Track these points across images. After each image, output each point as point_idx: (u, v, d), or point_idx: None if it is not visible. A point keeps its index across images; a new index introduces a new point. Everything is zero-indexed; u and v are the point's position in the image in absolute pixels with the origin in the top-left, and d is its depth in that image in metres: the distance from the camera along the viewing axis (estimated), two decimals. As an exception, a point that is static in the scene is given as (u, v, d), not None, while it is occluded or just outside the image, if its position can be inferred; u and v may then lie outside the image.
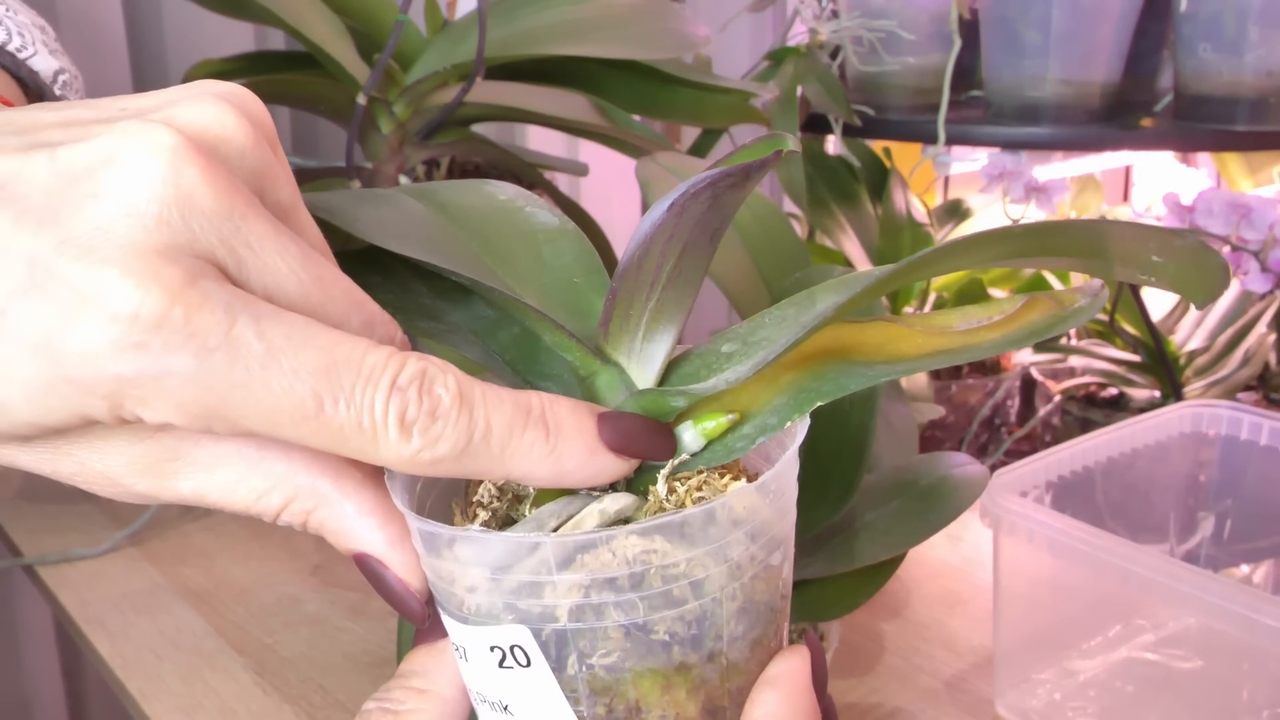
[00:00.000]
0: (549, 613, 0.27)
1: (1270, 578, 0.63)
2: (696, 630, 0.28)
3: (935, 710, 0.56)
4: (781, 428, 0.29)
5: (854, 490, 0.49)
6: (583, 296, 0.33)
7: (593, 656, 0.27)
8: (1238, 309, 0.82)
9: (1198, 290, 0.31)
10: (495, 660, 0.28)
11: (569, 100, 0.77)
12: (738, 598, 0.28)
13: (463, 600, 0.28)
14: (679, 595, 0.27)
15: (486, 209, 0.35)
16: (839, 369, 0.29)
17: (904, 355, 0.29)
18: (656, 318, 0.29)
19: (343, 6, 0.74)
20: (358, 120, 0.68)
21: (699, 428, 0.30)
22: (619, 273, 0.28)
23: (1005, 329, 0.30)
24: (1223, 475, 0.62)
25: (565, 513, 0.29)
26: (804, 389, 0.29)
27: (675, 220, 0.27)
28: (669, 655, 0.27)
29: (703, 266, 0.29)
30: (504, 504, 0.30)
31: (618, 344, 0.30)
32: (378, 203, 0.34)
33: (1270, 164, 1.00)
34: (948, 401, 0.83)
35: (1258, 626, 0.43)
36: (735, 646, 0.29)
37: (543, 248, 0.34)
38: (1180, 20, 0.77)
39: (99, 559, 0.71)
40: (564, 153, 1.17)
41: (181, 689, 0.59)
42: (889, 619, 0.63)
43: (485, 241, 0.33)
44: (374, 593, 0.30)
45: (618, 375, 0.30)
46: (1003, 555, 0.53)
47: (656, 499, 0.29)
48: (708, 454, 0.30)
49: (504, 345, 0.32)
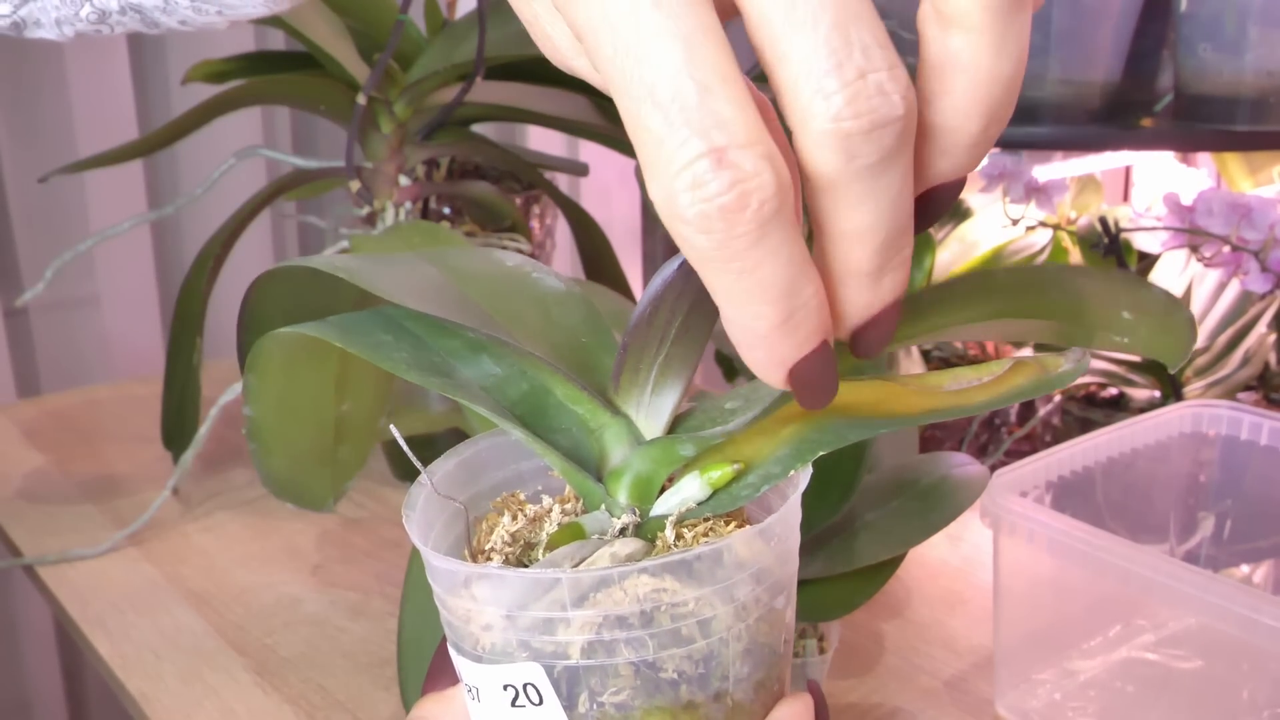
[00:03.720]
0: (562, 650, 0.28)
1: (1270, 578, 0.63)
2: (703, 669, 0.29)
3: (935, 710, 0.56)
4: (785, 476, 0.30)
5: (854, 490, 0.49)
6: (591, 354, 0.34)
7: (603, 694, 0.28)
8: (1238, 309, 0.82)
9: (1168, 351, 0.32)
10: (508, 699, 0.28)
11: (569, 100, 0.77)
12: (743, 639, 0.29)
13: (478, 639, 0.29)
14: (687, 634, 0.28)
15: (496, 274, 0.36)
16: (838, 422, 0.31)
17: (897, 414, 0.31)
18: (665, 372, 0.30)
19: (343, 6, 0.74)
20: (358, 120, 0.68)
21: (705, 477, 0.31)
22: (630, 328, 0.29)
23: (993, 391, 0.31)
24: (1223, 475, 0.62)
25: (578, 555, 0.29)
26: (805, 440, 0.30)
27: (684, 279, 0.28)
28: (677, 694, 0.28)
29: (710, 324, 0.30)
30: (516, 549, 0.31)
31: (627, 397, 0.31)
32: (394, 265, 0.35)
33: (1270, 164, 1.00)
34: (948, 401, 0.82)
35: (1258, 626, 0.43)
36: (740, 687, 0.30)
37: (551, 309, 0.35)
38: (1180, 20, 0.77)
39: (99, 559, 0.71)
40: (564, 153, 1.17)
41: (181, 689, 0.59)
42: (889, 619, 0.63)
43: (495, 302, 0.34)
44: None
45: (626, 427, 0.31)
46: (1003, 555, 0.53)
47: (665, 544, 0.30)
48: (713, 503, 0.31)
49: (513, 401, 0.33)
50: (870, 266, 0.26)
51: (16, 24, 0.43)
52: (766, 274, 0.24)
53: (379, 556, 0.70)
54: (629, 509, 0.31)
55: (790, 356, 0.26)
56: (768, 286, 0.24)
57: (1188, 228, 0.76)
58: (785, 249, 0.24)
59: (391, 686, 0.58)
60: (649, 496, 0.31)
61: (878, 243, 0.25)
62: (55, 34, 0.44)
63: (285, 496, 0.41)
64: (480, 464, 0.34)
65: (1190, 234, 0.76)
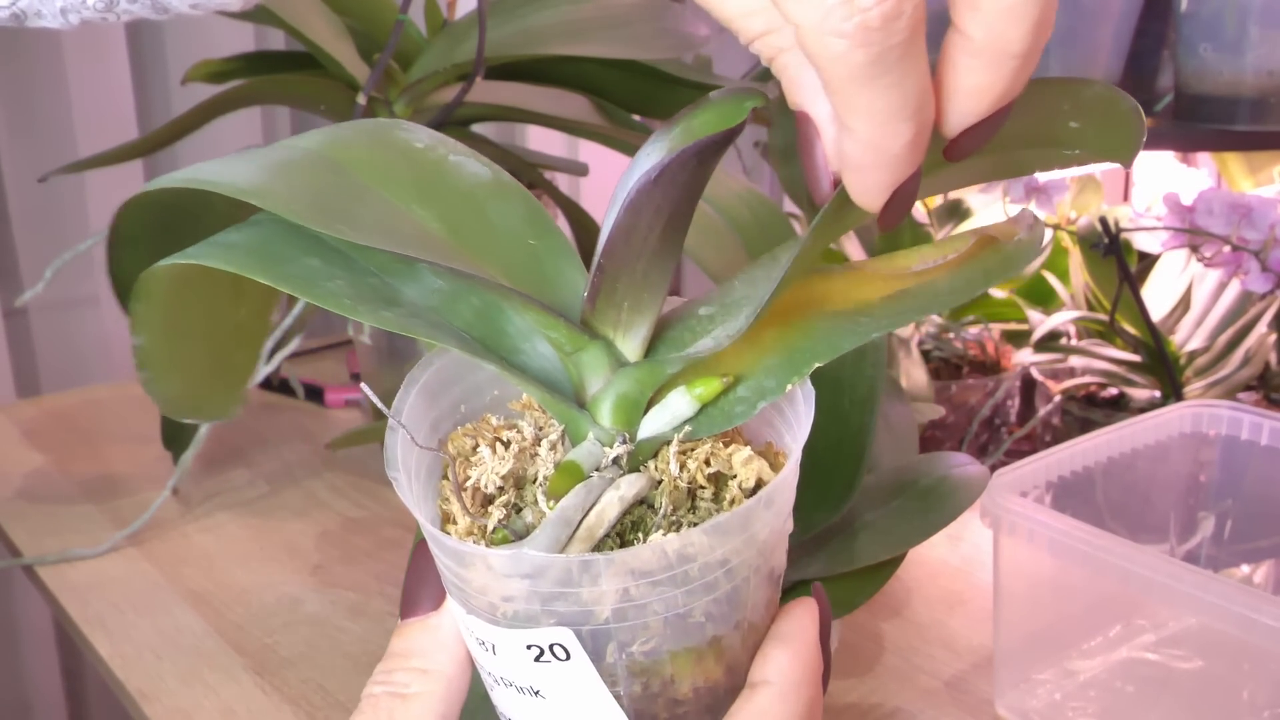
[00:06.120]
0: (590, 614, 0.27)
1: (1270, 578, 0.63)
2: (727, 607, 0.28)
3: (935, 710, 0.56)
4: (781, 391, 0.29)
5: (854, 490, 0.49)
6: (545, 263, 0.32)
7: (632, 645, 0.27)
8: (1238, 309, 0.82)
9: (1118, 148, 0.32)
10: (531, 656, 0.28)
11: (569, 100, 0.77)
12: (761, 570, 0.29)
13: (496, 607, 0.28)
14: (714, 581, 0.28)
15: (408, 163, 0.32)
16: (823, 323, 0.29)
17: (868, 298, 0.30)
18: (643, 288, 0.29)
19: (343, 6, 0.74)
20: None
21: (693, 393, 0.29)
22: (606, 246, 0.28)
23: (957, 270, 0.30)
24: (1223, 475, 0.62)
25: (586, 503, 0.28)
26: (796, 348, 0.29)
27: (664, 188, 0.27)
28: (703, 633, 0.28)
29: (684, 231, 0.29)
30: (509, 491, 0.30)
31: (604, 318, 0.29)
32: (277, 167, 0.30)
33: (1270, 164, 1.00)
34: (948, 401, 0.83)
35: (1258, 627, 0.43)
36: (756, 611, 0.29)
37: (487, 208, 0.32)
38: (1180, 20, 0.77)
39: (99, 559, 0.71)
40: (564, 153, 1.17)
41: (181, 689, 0.59)
42: (889, 619, 0.63)
43: (427, 207, 0.31)
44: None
45: (605, 350, 0.29)
46: (1003, 555, 0.53)
47: (670, 478, 0.29)
48: (707, 421, 0.30)
49: (468, 322, 0.30)
50: (1021, 47, 0.26)
51: (17, 15, 0.43)
52: (910, 87, 0.25)
53: (379, 556, 0.70)
54: (619, 436, 0.30)
55: (906, 174, 0.27)
56: (909, 100, 0.25)
57: (1188, 228, 0.76)
58: (923, 62, 0.25)
59: (391, 686, 0.58)
60: (635, 418, 0.30)
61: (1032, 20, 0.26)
62: (59, 23, 0.43)
63: (187, 416, 0.38)
64: (439, 384, 0.33)
65: (1190, 234, 0.76)
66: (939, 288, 0.30)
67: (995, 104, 0.27)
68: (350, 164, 0.31)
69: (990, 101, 0.27)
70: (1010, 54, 0.26)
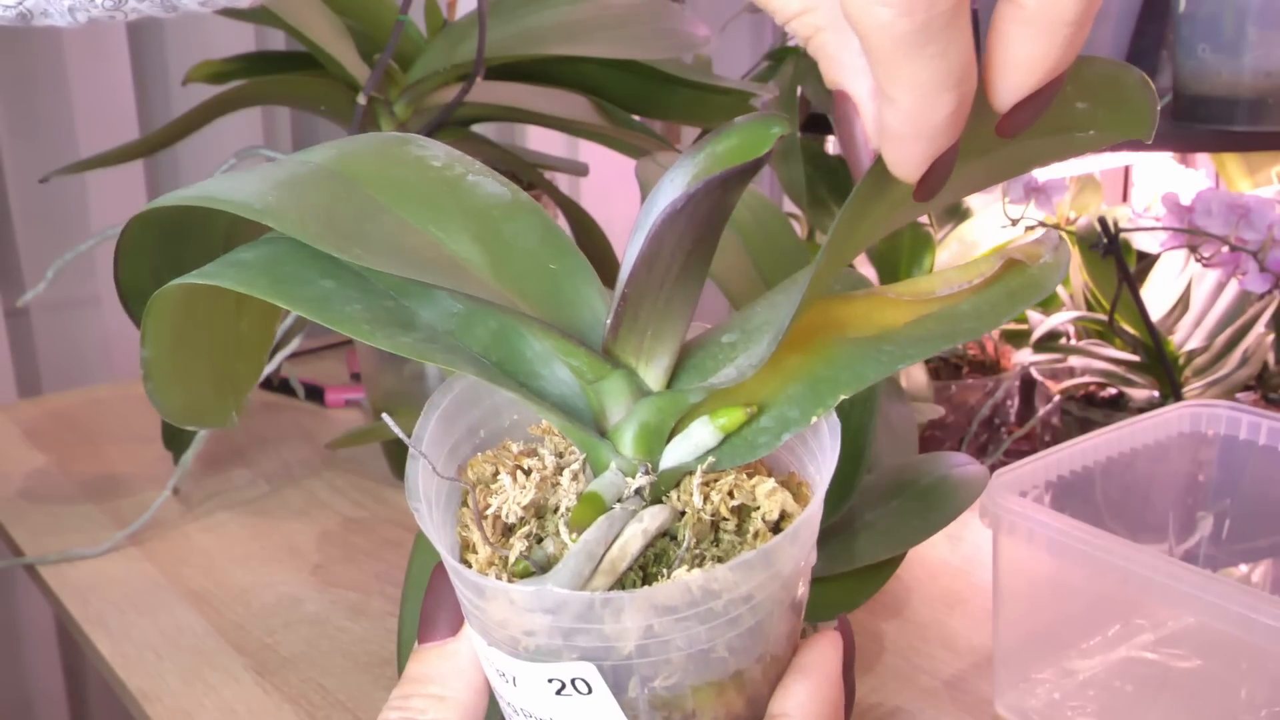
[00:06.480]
0: (613, 649, 0.27)
1: (1269, 577, 0.63)
2: (750, 641, 0.28)
3: (935, 710, 0.56)
4: (807, 422, 0.29)
5: (854, 490, 0.49)
6: (565, 286, 0.31)
7: (655, 680, 0.27)
8: (1236, 309, 0.82)
9: (1134, 124, 0.31)
10: (552, 689, 0.27)
11: (569, 100, 0.77)
12: (784, 602, 0.29)
13: (517, 640, 0.27)
14: (738, 617, 0.27)
15: (423, 180, 0.31)
16: (845, 349, 0.29)
17: (892, 324, 0.29)
18: (666, 316, 0.28)
19: (343, 6, 0.74)
20: (358, 120, 0.69)
21: (716, 423, 0.29)
22: (629, 275, 0.27)
23: (982, 293, 0.30)
24: (1222, 475, 0.62)
25: (609, 535, 0.28)
26: (819, 376, 0.29)
27: (689, 217, 0.26)
28: (725, 667, 0.28)
29: (709, 259, 0.28)
30: (530, 521, 0.30)
31: (626, 346, 0.29)
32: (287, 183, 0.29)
33: (1269, 164, 1.00)
34: (948, 401, 0.83)
35: (1256, 626, 0.43)
36: (778, 644, 0.29)
37: (502, 228, 0.31)
38: (1179, 20, 0.77)
39: (100, 559, 0.71)
40: (564, 153, 1.17)
41: (182, 688, 0.59)
42: (889, 619, 0.63)
43: (443, 228, 0.30)
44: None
45: (627, 379, 0.29)
46: (1002, 555, 0.53)
47: (693, 510, 0.29)
48: (731, 451, 0.29)
49: (486, 345, 0.30)
50: (1075, 13, 0.26)
51: (23, 14, 0.43)
52: (954, 57, 0.25)
53: (379, 556, 0.70)
54: (641, 466, 0.29)
55: (946, 145, 0.27)
56: (953, 70, 0.25)
57: (1186, 228, 0.76)
58: (967, 32, 0.25)
59: (391, 686, 0.58)
60: (657, 448, 0.30)
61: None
62: (66, 21, 0.43)
63: (189, 424, 0.38)
64: (458, 408, 0.32)
65: (1189, 234, 0.76)
66: (963, 313, 0.30)
67: (1049, 75, 0.27)
68: (364, 181, 0.30)
69: (1044, 72, 0.27)
70: (1064, 21, 0.26)
